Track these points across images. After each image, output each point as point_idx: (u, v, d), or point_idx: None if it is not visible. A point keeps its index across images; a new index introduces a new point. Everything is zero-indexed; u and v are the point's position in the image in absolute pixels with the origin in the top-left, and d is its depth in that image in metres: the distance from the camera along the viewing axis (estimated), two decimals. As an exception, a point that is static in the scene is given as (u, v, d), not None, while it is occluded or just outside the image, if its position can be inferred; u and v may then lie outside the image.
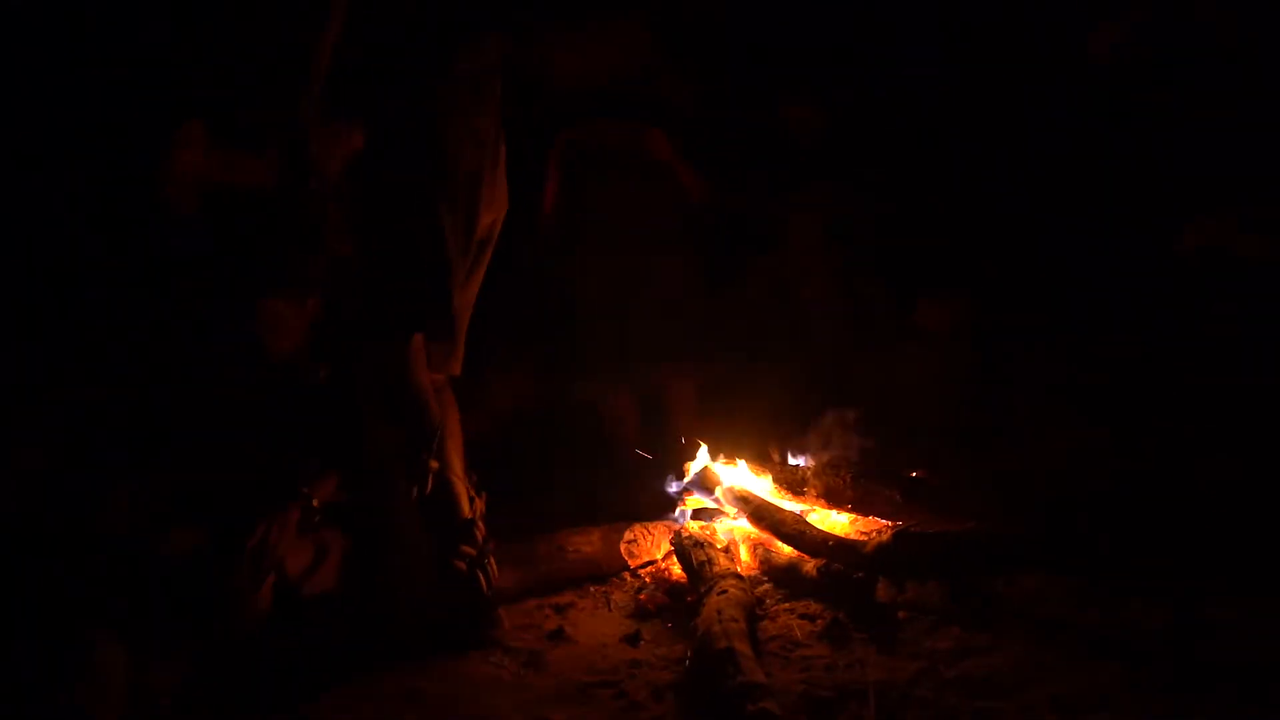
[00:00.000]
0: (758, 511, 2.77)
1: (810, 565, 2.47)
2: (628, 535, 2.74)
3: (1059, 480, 2.86)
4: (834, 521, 2.89)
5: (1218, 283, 3.12)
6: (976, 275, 3.81)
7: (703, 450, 3.10)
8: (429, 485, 2.44)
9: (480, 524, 2.47)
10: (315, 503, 2.35)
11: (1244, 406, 2.88)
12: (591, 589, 2.63)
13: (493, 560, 2.42)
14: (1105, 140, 3.44)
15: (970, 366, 3.68)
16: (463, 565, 2.36)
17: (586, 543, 2.71)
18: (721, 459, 3.10)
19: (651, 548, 2.75)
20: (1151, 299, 3.23)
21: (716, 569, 2.42)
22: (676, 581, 2.60)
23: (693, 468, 3.03)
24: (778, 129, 3.94)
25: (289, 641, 2.17)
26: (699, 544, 2.58)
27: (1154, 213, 3.29)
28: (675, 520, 2.90)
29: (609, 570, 2.70)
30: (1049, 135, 3.54)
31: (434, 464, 2.46)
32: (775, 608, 2.38)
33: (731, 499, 2.86)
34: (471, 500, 2.51)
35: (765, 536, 2.74)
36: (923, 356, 3.74)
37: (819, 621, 2.26)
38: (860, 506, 2.85)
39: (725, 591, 2.25)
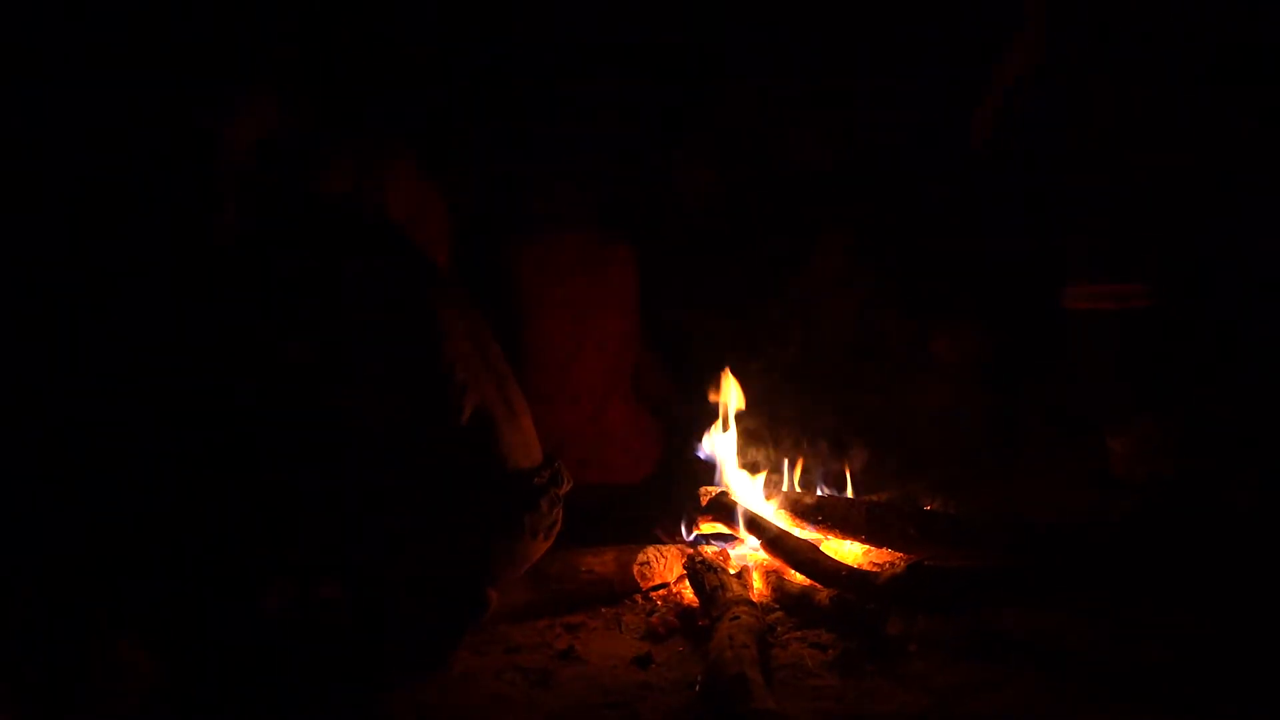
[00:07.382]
0: (772, 539, 2.77)
1: (823, 594, 2.46)
2: (641, 557, 2.73)
3: (1075, 514, 2.86)
4: (847, 551, 2.89)
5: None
6: (991, 307, 3.82)
7: (719, 475, 3.10)
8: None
9: None
10: None
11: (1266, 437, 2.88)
12: (603, 610, 2.63)
13: None
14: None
15: (985, 398, 3.68)
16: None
17: (600, 563, 2.70)
18: (736, 485, 3.10)
19: (664, 570, 2.74)
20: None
21: (729, 594, 2.42)
22: (688, 605, 2.60)
23: (709, 493, 3.02)
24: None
25: (295, 648, 2.18)
26: (712, 569, 2.58)
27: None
28: (689, 544, 2.90)
29: (621, 591, 2.69)
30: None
31: None
32: (787, 636, 2.38)
33: (746, 525, 2.86)
34: None
35: (778, 564, 2.74)
36: (937, 388, 3.74)
37: (830, 651, 2.25)
38: (874, 538, 2.84)
39: (737, 618, 2.25)
